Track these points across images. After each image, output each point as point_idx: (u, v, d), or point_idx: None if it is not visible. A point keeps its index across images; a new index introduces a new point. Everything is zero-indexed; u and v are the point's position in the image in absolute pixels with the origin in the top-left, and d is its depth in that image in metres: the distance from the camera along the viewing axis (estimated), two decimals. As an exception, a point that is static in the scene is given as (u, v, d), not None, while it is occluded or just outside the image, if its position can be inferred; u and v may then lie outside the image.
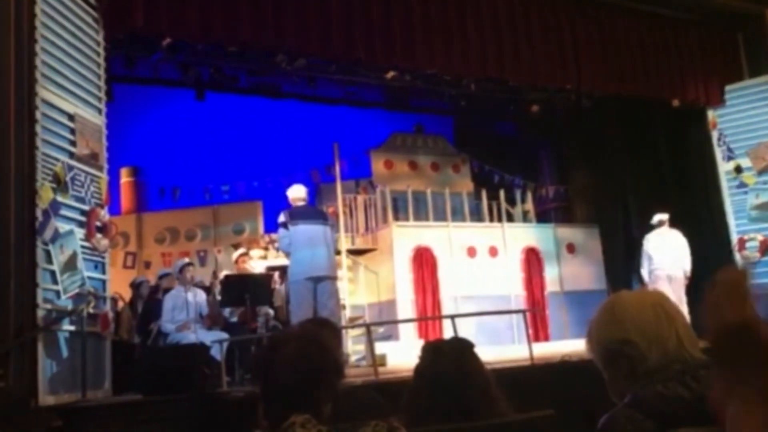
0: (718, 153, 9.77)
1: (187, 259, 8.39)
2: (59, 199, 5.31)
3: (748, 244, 9.43)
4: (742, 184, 9.55)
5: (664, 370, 1.42)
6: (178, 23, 6.66)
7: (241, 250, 8.94)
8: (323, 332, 2.02)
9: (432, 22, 7.83)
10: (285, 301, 8.05)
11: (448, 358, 2.05)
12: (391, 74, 9.20)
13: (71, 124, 5.63)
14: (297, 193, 7.34)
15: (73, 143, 5.61)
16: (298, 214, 7.11)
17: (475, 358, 2.08)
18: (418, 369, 2.10)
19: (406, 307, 9.65)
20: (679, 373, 1.41)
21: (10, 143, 4.98)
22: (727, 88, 9.66)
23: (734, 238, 9.56)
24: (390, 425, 1.65)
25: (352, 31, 7.42)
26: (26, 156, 5.06)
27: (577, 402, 3.15)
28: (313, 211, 7.36)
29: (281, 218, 7.16)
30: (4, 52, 5.07)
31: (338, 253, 9.16)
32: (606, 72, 8.92)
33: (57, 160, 5.36)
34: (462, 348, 2.10)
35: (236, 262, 8.65)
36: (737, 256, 9.52)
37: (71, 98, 5.69)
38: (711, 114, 9.81)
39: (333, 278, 7.13)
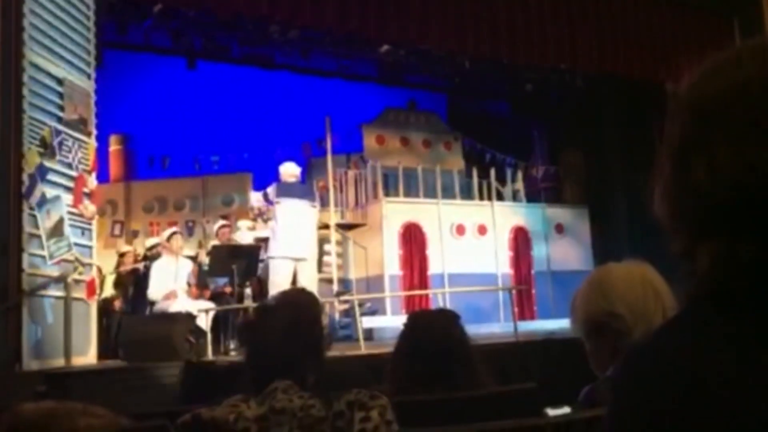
0: (710, 137, 9.78)
1: (175, 228, 8.35)
2: (46, 164, 5.26)
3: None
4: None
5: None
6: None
7: (222, 222, 8.80)
8: (314, 302, 2.02)
9: (428, -3, 7.75)
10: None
11: (433, 327, 2.05)
12: (384, 48, 9.12)
13: (60, 89, 5.56)
14: (288, 169, 7.36)
15: (61, 108, 5.55)
16: (287, 191, 7.15)
17: (460, 329, 2.09)
18: (403, 336, 2.10)
19: (394, 282, 9.67)
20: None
21: (-3, 106, 4.91)
22: (721, 73, 9.65)
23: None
24: (372, 393, 1.65)
25: (346, 3, 7.34)
26: (13, 119, 5.00)
27: (560, 377, 3.17)
28: (302, 189, 7.38)
29: (269, 190, 7.22)
30: (-9, 11, 4.98)
31: (327, 227, 9.14)
32: (600, 52, 8.90)
33: (44, 124, 5.30)
34: (447, 318, 2.11)
35: (217, 234, 8.51)
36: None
37: (60, 62, 5.61)
38: (704, 98, 9.80)
39: (312, 259, 7.24)
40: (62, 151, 5.49)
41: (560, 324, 8.30)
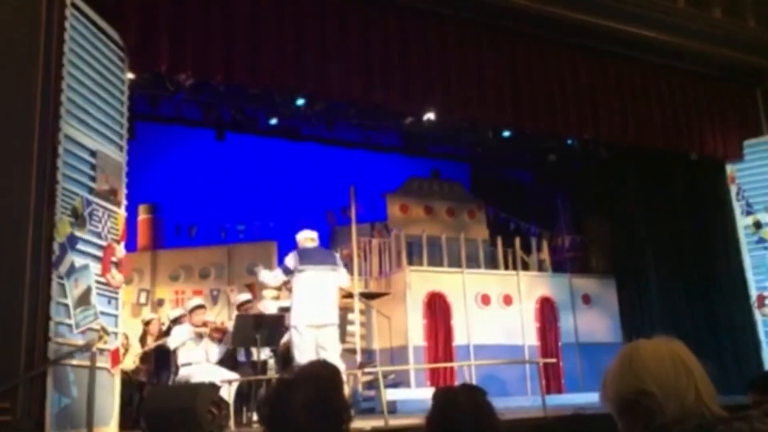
0: (737, 207, 9.68)
1: (199, 301, 8.35)
2: (76, 233, 5.35)
3: (767, 301, 9.27)
4: (761, 240, 9.43)
5: (681, 424, 1.38)
6: (202, 65, 6.77)
7: (244, 298, 8.58)
8: (335, 375, 2.00)
9: (450, 70, 7.91)
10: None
11: (461, 406, 2.01)
12: (408, 119, 9.28)
13: (92, 160, 5.70)
14: (306, 236, 7.32)
15: (93, 179, 5.67)
16: (308, 257, 7.06)
17: (488, 406, 2.04)
18: (431, 417, 2.06)
19: (418, 353, 9.54)
20: (696, 428, 1.37)
21: (32, 176, 5.04)
22: (746, 142, 9.63)
23: (753, 294, 9.40)
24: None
25: (371, 76, 7.51)
26: (46, 189, 5.12)
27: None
28: (322, 255, 7.26)
29: (289, 261, 7.10)
30: (31, 87, 5.18)
31: (350, 296, 9.09)
32: (624, 123, 8.93)
33: (76, 194, 5.42)
34: (475, 396, 2.07)
35: (238, 309, 8.33)
36: (756, 313, 9.36)
37: (94, 135, 5.78)
38: (729, 168, 9.75)
39: (335, 324, 7.12)
40: (92, 221, 5.60)
41: (589, 398, 8.07)
